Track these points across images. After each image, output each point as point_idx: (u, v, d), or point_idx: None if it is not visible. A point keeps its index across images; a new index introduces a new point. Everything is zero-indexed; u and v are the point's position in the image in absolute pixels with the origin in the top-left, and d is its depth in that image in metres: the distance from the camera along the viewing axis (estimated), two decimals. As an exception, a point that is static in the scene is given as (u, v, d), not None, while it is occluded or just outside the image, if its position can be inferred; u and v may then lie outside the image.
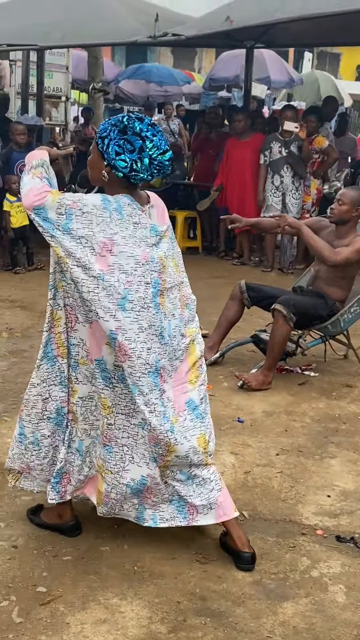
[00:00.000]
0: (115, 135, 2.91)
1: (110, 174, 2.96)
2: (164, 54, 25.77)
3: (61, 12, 9.44)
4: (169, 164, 2.97)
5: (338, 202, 5.41)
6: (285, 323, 5.15)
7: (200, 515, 3.16)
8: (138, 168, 2.90)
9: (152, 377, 2.98)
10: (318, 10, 7.95)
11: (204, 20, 9.39)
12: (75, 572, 3.07)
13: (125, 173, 2.92)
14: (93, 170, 3.05)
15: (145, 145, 2.89)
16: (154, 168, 2.94)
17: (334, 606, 2.94)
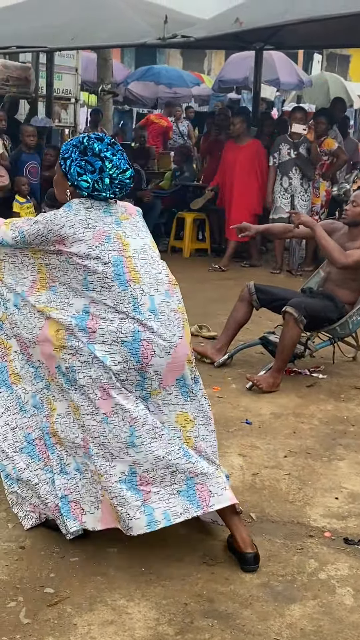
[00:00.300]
0: (76, 157, 3.04)
1: (74, 194, 3.09)
2: (173, 55, 25.80)
3: (70, 14, 9.47)
4: (130, 182, 3.09)
5: (352, 204, 5.41)
6: (295, 325, 5.15)
7: (213, 499, 3.06)
8: (100, 187, 3.03)
9: (128, 347, 2.97)
10: (327, 12, 7.95)
11: (213, 21, 9.40)
12: (83, 573, 3.07)
13: (88, 192, 3.03)
14: (58, 189, 3.21)
15: (105, 165, 3.02)
16: (115, 187, 3.05)
17: (342, 609, 2.94)
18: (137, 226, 3.15)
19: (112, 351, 2.98)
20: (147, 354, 2.98)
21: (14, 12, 10.47)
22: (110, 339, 2.98)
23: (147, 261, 3.08)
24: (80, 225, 3.00)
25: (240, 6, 9.27)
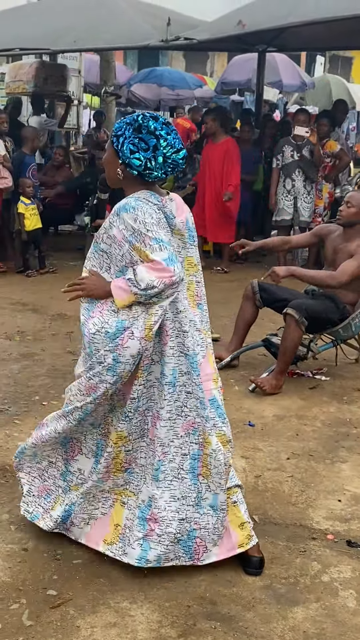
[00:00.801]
0: (130, 134, 2.95)
1: (125, 172, 3.00)
2: (176, 57, 25.81)
3: (73, 16, 9.47)
4: (183, 162, 3.01)
5: (347, 205, 5.41)
6: (297, 327, 5.15)
7: (205, 554, 3.11)
8: (152, 166, 2.94)
9: (189, 360, 3.02)
10: (330, 14, 7.94)
11: (216, 24, 9.39)
12: (86, 575, 3.07)
13: (139, 171, 2.96)
14: (108, 169, 3.10)
15: (159, 143, 2.93)
16: (167, 166, 2.97)
17: (345, 611, 2.93)
18: (187, 242, 3.12)
19: (180, 362, 3.06)
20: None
21: (17, 14, 10.48)
22: (178, 349, 3.05)
23: (190, 277, 3.13)
24: (166, 227, 2.99)
25: (243, 8, 9.26)
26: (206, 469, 3.05)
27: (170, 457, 3.03)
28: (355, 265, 5.25)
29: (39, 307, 7.12)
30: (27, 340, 6.13)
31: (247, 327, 5.71)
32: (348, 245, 5.38)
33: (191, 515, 3.07)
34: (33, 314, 6.90)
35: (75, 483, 3.20)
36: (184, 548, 3.08)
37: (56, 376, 5.30)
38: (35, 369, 5.45)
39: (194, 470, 3.06)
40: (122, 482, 3.12)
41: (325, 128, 9.08)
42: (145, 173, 2.96)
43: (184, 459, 3.05)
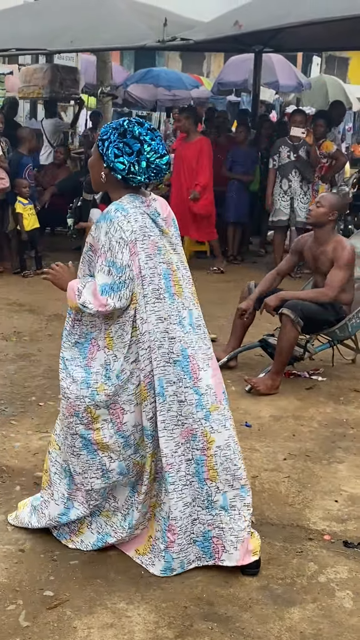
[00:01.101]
0: (115, 138, 3.00)
1: (108, 176, 3.05)
2: (173, 58, 25.79)
3: (70, 17, 9.46)
4: (166, 167, 3.05)
5: (317, 204, 5.43)
6: (292, 327, 5.15)
7: (225, 555, 3.11)
8: (135, 170, 2.99)
9: (181, 366, 3.02)
10: (326, 15, 7.95)
11: (212, 24, 9.40)
12: (82, 576, 3.07)
13: (123, 175, 3.00)
14: (93, 172, 3.16)
15: (143, 148, 2.98)
16: (151, 171, 3.02)
17: (341, 612, 2.93)
18: (173, 242, 3.14)
19: (167, 372, 3.04)
20: (195, 369, 3.05)
21: (13, 14, 10.47)
22: (162, 360, 3.04)
23: (182, 275, 3.12)
24: (141, 232, 3.00)
25: (239, 9, 9.27)
26: (213, 472, 3.06)
27: (177, 467, 3.04)
28: (341, 276, 5.28)
29: (35, 307, 7.11)
30: (24, 341, 6.12)
31: (244, 328, 5.72)
32: (323, 248, 5.39)
33: (203, 517, 3.09)
34: (30, 315, 6.89)
35: (106, 509, 3.23)
36: (203, 549, 3.11)
37: (53, 377, 5.30)
38: (32, 369, 5.45)
39: (199, 474, 3.06)
40: (155, 492, 3.14)
41: (321, 129, 9.08)
42: (128, 177, 3.01)
43: (189, 464, 3.07)
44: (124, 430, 3.06)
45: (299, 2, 8.32)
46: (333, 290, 5.27)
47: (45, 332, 6.36)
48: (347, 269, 5.29)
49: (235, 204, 9.60)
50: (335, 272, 5.29)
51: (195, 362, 3.05)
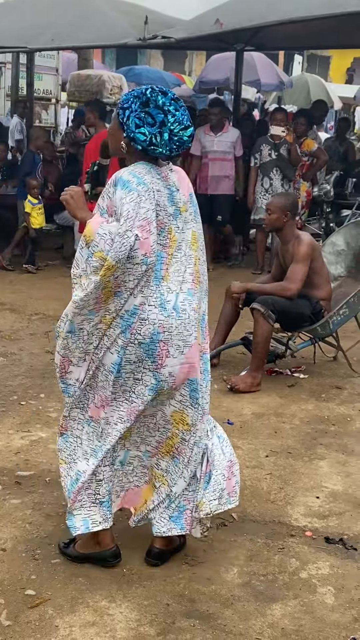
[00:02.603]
0: (136, 107, 2.86)
1: (128, 146, 2.94)
2: (155, 56, 25.77)
3: (51, 14, 9.43)
4: (189, 140, 2.92)
5: (267, 212, 5.49)
6: (265, 321, 5.17)
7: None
8: (157, 142, 2.86)
9: (144, 349, 2.93)
10: (308, 13, 7.96)
11: (193, 23, 9.39)
12: (64, 575, 3.06)
13: (143, 146, 2.88)
14: (112, 140, 3.03)
15: (167, 119, 2.84)
16: (173, 143, 2.88)
17: (323, 607, 2.95)
18: (188, 219, 3.02)
19: (128, 352, 2.97)
20: (162, 355, 2.96)
21: (-7, 12, 10.41)
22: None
23: (178, 259, 2.99)
24: (153, 212, 2.88)
25: (220, 7, 9.26)
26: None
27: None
28: (300, 269, 5.31)
29: (17, 306, 7.08)
30: (5, 340, 6.10)
31: (229, 327, 5.73)
32: (286, 247, 5.47)
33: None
34: (11, 314, 6.86)
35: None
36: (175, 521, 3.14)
37: (34, 376, 5.28)
38: (14, 368, 5.43)
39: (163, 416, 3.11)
40: (164, 466, 3.11)
41: (302, 127, 9.11)
42: (149, 149, 2.88)
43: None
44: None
45: (279, 0, 8.34)
46: (294, 283, 5.30)
47: (26, 331, 6.34)
48: (304, 262, 5.32)
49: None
50: (294, 266, 5.34)
51: (165, 348, 2.95)
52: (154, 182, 2.91)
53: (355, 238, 6.18)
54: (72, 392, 3.06)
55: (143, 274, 2.88)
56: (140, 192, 2.84)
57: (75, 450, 3.10)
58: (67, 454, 3.12)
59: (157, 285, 2.95)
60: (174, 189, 2.97)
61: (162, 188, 2.93)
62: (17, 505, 3.56)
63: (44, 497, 3.64)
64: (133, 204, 2.82)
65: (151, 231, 2.87)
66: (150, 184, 2.88)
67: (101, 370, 2.99)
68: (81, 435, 3.09)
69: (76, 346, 3.00)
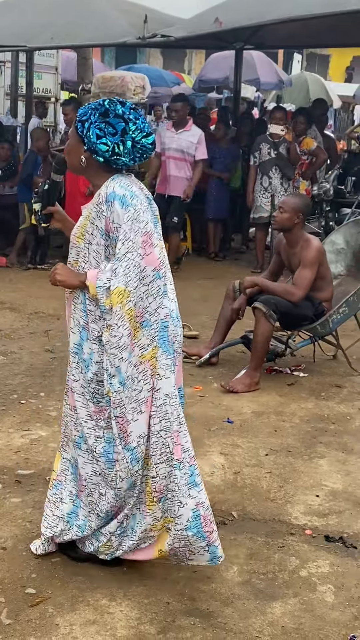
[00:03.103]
0: (96, 119, 2.83)
1: (89, 160, 2.89)
2: (154, 55, 25.76)
3: (50, 13, 9.43)
4: (152, 147, 2.90)
5: (279, 210, 5.45)
6: (266, 321, 5.17)
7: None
8: (120, 151, 2.83)
9: (173, 358, 2.93)
10: (307, 12, 7.97)
11: (193, 21, 9.40)
12: (65, 573, 3.06)
13: (106, 157, 2.84)
14: (71, 157, 2.96)
15: (129, 127, 2.82)
16: (136, 151, 2.86)
17: (323, 606, 2.95)
18: (158, 219, 3.02)
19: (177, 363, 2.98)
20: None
21: (-7, 11, 10.40)
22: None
23: (165, 265, 2.97)
24: (152, 220, 2.88)
25: (220, 6, 9.27)
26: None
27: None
28: (308, 275, 5.30)
29: (16, 305, 7.08)
30: (5, 339, 6.10)
31: (228, 326, 5.73)
32: (294, 250, 5.44)
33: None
34: (11, 313, 6.86)
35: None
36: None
37: (34, 375, 5.28)
38: (13, 367, 5.43)
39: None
40: (160, 514, 2.97)
41: (301, 126, 9.12)
42: (112, 159, 2.84)
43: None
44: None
45: (278, -1, 8.35)
46: (300, 290, 5.29)
47: (26, 330, 6.34)
48: (312, 268, 5.30)
49: (215, 201, 9.60)
50: (301, 272, 5.32)
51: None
52: (139, 194, 2.88)
53: (355, 237, 6.19)
54: (139, 455, 2.88)
55: (160, 290, 2.86)
56: (136, 205, 2.81)
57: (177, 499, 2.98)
58: (171, 513, 2.98)
59: (164, 297, 2.93)
60: (150, 197, 2.96)
61: (144, 199, 2.91)
62: (17, 504, 3.57)
63: (44, 496, 3.61)
64: (130, 223, 2.78)
65: (153, 244, 2.84)
66: (140, 196, 2.87)
67: (165, 402, 2.90)
68: (176, 488, 2.96)
69: (128, 399, 2.84)
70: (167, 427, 2.89)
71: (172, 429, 2.90)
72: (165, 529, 2.99)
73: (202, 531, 2.98)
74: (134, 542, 2.99)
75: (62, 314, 6.74)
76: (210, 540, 3.00)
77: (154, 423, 2.88)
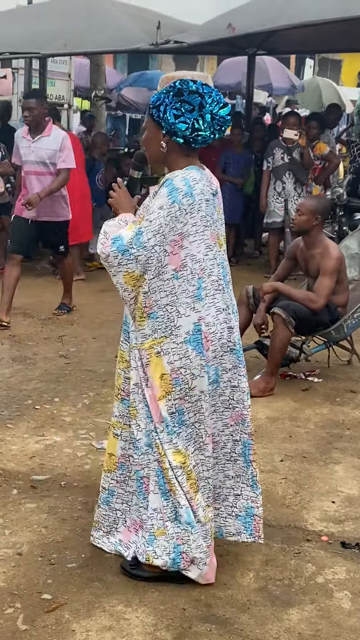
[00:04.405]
0: (170, 100, 2.82)
1: (169, 143, 2.89)
2: (166, 61, 25.80)
3: (63, 20, 9.47)
4: (230, 118, 2.89)
5: (297, 213, 5.44)
6: (285, 327, 5.15)
7: (261, 537, 3.21)
8: (200, 126, 2.81)
9: (236, 355, 3.03)
10: (319, 17, 7.97)
11: (205, 27, 9.41)
12: (80, 579, 3.06)
13: (186, 136, 2.83)
14: (150, 146, 2.96)
15: (205, 100, 2.80)
16: (216, 124, 2.85)
17: (340, 612, 2.94)
18: (222, 219, 3.04)
19: (224, 361, 3.00)
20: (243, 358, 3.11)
21: (6, 18, 10.46)
22: (222, 350, 2.99)
23: (225, 259, 3.05)
24: (202, 222, 2.87)
25: (232, 12, 9.28)
26: (257, 455, 3.15)
27: (222, 444, 3.08)
28: (329, 283, 5.29)
29: (30, 310, 7.11)
30: (19, 344, 6.12)
31: (241, 331, 5.70)
32: (312, 252, 5.42)
33: (247, 493, 3.13)
34: (25, 318, 6.88)
35: (157, 527, 2.99)
36: (244, 524, 3.15)
37: (49, 380, 5.29)
38: (28, 373, 5.44)
39: (245, 455, 3.11)
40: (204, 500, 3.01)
41: (314, 130, 9.11)
42: (192, 137, 2.83)
43: (236, 444, 3.10)
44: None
45: (291, 4, 8.34)
46: (321, 298, 5.27)
47: (40, 336, 6.35)
48: (332, 277, 5.30)
49: (228, 206, 9.56)
50: (321, 281, 5.31)
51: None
52: (205, 191, 2.88)
53: (369, 241, 6.18)
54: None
55: (177, 290, 2.86)
56: (184, 205, 2.81)
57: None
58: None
59: (229, 290, 3.02)
60: (216, 192, 2.97)
61: (210, 197, 2.92)
62: (32, 509, 3.57)
63: (59, 501, 3.65)
64: (169, 219, 2.80)
65: (183, 246, 2.84)
66: (200, 195, 2.85)
67: (200, 398, 2.95)
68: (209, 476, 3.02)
69: None
70: (201, 419, 2.96)
71: (206, 422, 2.96)
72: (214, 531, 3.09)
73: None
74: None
75: (76, 319, 6.80)
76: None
77: (189, 416, 2.95)
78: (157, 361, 2.91)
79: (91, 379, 5.37)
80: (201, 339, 2.90)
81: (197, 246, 2.86)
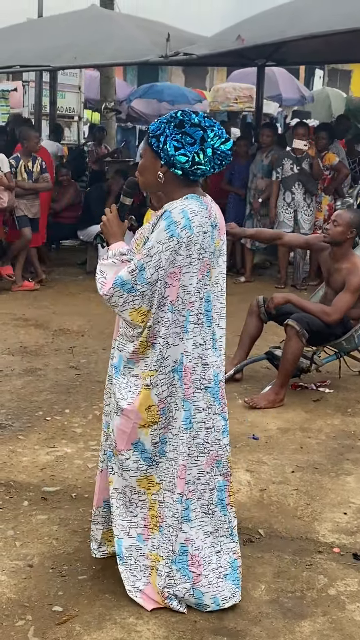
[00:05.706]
0: (171, 131, 2.76)
1: (167, 174, 2.83)
2: (176, 73, 25.94)
3: (73, 33, 9.54)
4: (230, 153, 2.83)
5: (334, 223, 5.39)
6: (297, 339, 5.14)
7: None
8: (200, 160, 2.76)
9: (211, 392, 2.93)
10: (328, 28, 7.99)
11: (215, 39, 9.46)
12: (91, 591, 3.05)
13: (185, 168, 2.77)
14: (146, 175, 2.90)
15: (207, 134, 2.75)
16: (217, 159, 2.80)
17: (352, 625, 2.92)
18: (223, 251, 2.96)
19: (197, 399, 2.91)
20: (223, 395, 3.00)
21: (17, 31, 10.56)
22: (194, 387, 2.90)
23: (216, 293, 2.96)
24: (196, 255, 2.81)
25: (241, 23, 9.32)
26: (233, 497, 3.03)
27: (199, 494, 2.94)
28: (348, 301, 5.26)
29: (41, 322, 7.12)
30: (30, 356, 6.13)
31: (252, 342, 5.71)
32: (338, 266, 5.39)
33: (227, 545, 3.00)
34: (35, 330, 6.90)
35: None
36: (233, 581, 3.00)
37: (60, 391, 5.30)
38: (39, 384, 5.45)
39: (222, 501, 2.99)
40: (157, 543, 2.95)
41: (324, 141, 9.11)
42: (191, 170, 2.77)
43: (212, 493, 2.96)
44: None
45: (300, 15, 8.37)
46: (337, 313, 5.25)
47: (51, 347, 6.36)
48: (355, 294, 5.27)
49: (235, 217, 9.59)
50: (343, 296, 5.27)
51: (223, 387, 2.97)
52: (203, 223, 2.82)
53: (380, 252, 6.15)
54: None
55: (172, 322, 2.82)
56: (182, 238, 2.76)
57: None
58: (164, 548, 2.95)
59: (209, 325, 2.92)
60: (215, 224, 2.89)
61: (209, 228, 2.85)
62: (43, 521, 3.57)
63: (70, 513, 3.64)
64: (168, 253, 2.75)
65: (180, 278, 2.81)
66: (198, 227, 2.80)
67: (177, 435, 2.90)
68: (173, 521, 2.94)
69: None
70: (176, 458, 2.89)
71: (179, 461, 2.89)
72: (156, 570, 2.96)
73: (187, 568, 2.93)
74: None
75: (86, 330, 6.81)
76: (195, 582, 2.94)
77: (169, 449, 2.89)
78: (145, 393, 2.87)
79: (102, 390, 5.33)
80: (182, 370, 2.86)
81: (189, 278, 2.82)
